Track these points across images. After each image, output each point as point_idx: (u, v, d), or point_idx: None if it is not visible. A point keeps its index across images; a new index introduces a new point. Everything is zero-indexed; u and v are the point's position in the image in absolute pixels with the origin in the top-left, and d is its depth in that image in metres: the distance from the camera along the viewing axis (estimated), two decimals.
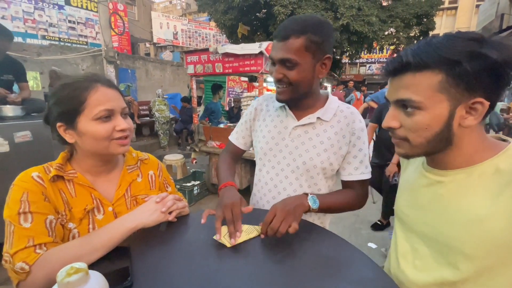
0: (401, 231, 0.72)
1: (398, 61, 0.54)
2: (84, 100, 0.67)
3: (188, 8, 26.69)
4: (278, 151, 0.92)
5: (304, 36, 0.75)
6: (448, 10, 24.61)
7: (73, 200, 0.71)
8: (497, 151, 0.55)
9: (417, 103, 0.53)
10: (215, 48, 3.14)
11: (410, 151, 0.60)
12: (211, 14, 11.85)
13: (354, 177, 0.89)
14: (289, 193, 0.92)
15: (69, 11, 10.77)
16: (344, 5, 8.93)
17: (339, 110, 0.90)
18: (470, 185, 0.56)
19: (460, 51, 0.48)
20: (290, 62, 0.77)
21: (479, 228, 0.53)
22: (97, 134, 0.68)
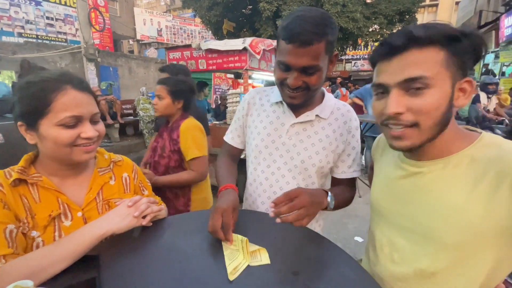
0: (378, 223, 0.71)
1: (406, 34, 0.51)
2: (50, 103, 0.62)
3: (173, 4, 26.14)
4: (274, 148, 0.88)
5: (324, 39, 0.69)
6: (429, 7, 25.31)
7: (36, 206, 0.66)
8: (470, 141, 0.56)
9: (429, 80, 0.50)
10: (198, 44, 3.07)
11: (418, 139, 0.55)
12: (196, 10, 11.66)
13: (347, 175, 0.89)
14: None
15: (46, 7, 10.32)
16: (329, 1, 8.99)
17: (336, 108, 0.88)
18: (447, 175, 0.56)
19: (458, 29, 0.51)
20: (314, 69, 0.72)
21: (458, 217, 0.53)
22: (58, 140, 0.63)
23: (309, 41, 0.67)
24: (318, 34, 0.68)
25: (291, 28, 0.69)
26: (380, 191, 0.71)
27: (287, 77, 0.75)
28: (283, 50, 0.72)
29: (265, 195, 0.91)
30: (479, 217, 0.51)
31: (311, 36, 0.67)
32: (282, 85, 0.78)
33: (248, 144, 0.97)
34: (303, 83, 0.74)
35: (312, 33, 0.67)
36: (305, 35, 0.67)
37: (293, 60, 0.71)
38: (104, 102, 5.82)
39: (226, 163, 0.98)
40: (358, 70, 23.77)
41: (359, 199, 3.63)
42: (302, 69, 0.72)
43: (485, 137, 0.56)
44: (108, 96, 6.16)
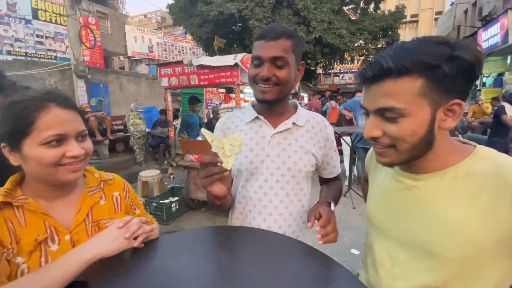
0: (376, 237, 0.71)
1: (377, 67, 0.52)
2: (32, 122, 0.60)
3: (164, 22, 26.62)
4: (259, 162, 0.89)
5: (291, 39, 0.81)
6: (410, 23, 26.64)
7: (22, 230, 0.63)
8: (466, 154, 0.57)
9: (401, 110, 0.52)
10: (189, 60, 3.10)
11: (396, 159, 0.57)
12: (187, 28, 11.90)
13: (334, 174, 1.02)
14: (276, 205, 0.88)
15: (37, 25, 10.33)
16: (316, 19, 9.35)
17: (311, 117, 0.96)
18: (444, 188, 0.56)
19: (438, 55, 0.49)
20: (282, 61, 0.79)
21: (457, 231, 0.53)
22: (42, 160, 0.61)
23: (278, 35, 0.79)
24: (286, 33, 0.80)
25: (263, 30, 0.83)
26: (376, 204, 0.71)
27: (259, 72, 0.81)
28: (256, 48, 0.82)
29: (255, 210, 0.90)
30: (479, 231, 0.50)
31: (279, 32, 0.79)
32: (255, 83, 0.85)
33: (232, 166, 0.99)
34: (273, 76, 0.80)
35: (280, 31, 0.80)
36: (275, 31, 0.80)
37: (264, 52, 0.80)
38: (94, 119, 5.75)
39: None
40: (346, 83, 24.48)
41: (353, 210, 3.62)
42: (272, 60, 0.79)
43: (480, 150, 0.56)
44: (98, 113, 6.09)
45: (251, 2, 9.27)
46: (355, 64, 21.18)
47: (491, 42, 7.89)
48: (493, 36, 7.78)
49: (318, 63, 12.13)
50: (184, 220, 3.49)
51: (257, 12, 9.31)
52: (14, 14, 9.68)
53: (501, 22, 7.28)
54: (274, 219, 0.88)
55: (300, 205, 0.91)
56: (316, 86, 15.61)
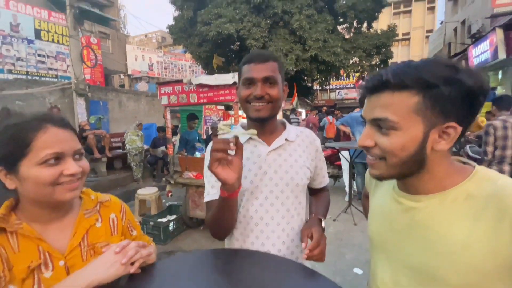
0: (378, 260, 0.69)
1: (378, 78, 0.54)
2: (30, 142, 0.60)
3: (164, 41, 27.36)
4: (258, 180, 0.89)
5: (277, 62, 0.89)
6: (402, 41, 27.58)
7: (15, 257, 0.61)
8: (465, 175, 0.56)
9: (393, 123, 0.52)
10: (189, 79, 3.16)
11: (386, 172, 0.58)
12: (186, 47, 12.26)
13: (323, 184, 1.06)
14: (278, 221, 0.89)
15: (39, 45, 10.57)
16: (311, 38, 9.68)
17: (299, 131, 1.00)
18: (445, 211, 0.55)
19: (439, 75, 0.49)
20: (273, 80, 0.86)
21: (461, 256, 0.51)
22: (40, 180, 0.60)
23: (266, 59, 0.87)
24: (271, 57, 0.89)
25: (249, 55, 0.90)
26: (378, 225, 0.70)
27: (252, 92, 0.86)
28: (246, 70, 0.88)
29: (257, 228, 0.89)
30: (483, 256, 0.49)
31: (267, 56, 0.88)
32: (248, 102, 0.88)
33: None
34: (266, 94, 0.85)
35: (267, 55, 0.89)
36: (263, 55, 0.88)
37: (255, 73, 0.85)
38: (93, 136, 5.75)
39: None
40: (343, 99, 24.90)
41: (355, 226, 3.57)
42: (264, 80, 0.85)
43: (479, 171, 0.56)
44: (97, 130, 6.11)
45: (249, 22, 9.62)
46: (351, 80, 21.65)
47: (481, 58, 8.14)
48: (483, 53, 8.04)
49: (314, 79, 12.42)
50: (182, 239, 3.41)
51: (255, 32, 9.65)
52: (17, 34, 9.94)
53: (490, 39, 7.55)
54: (277, 235, 0.88)
55: (299, 219, 0.93)
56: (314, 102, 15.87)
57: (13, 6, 9.84)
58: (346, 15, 10.68)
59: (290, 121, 8.63)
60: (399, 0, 26.52)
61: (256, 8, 9.65)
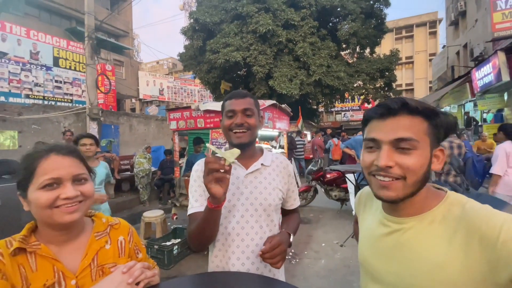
0: (368, 282, 0.72)
1: (401, 101, 0.61)
2: (34, 169, 0.69)
3: (174, 68, 28.62)
4: (236, 200, 1.00)
5: (252, 98, 1.06)
6: (406, 64, 28.08)
7: (33, 275, 0.67)
8: (439, 199, 0.62)
9: (416, 143, 0.59)
10: (196, 106, 3.32)
11: (402, 192, 0.60)
12: (195, 73, 12.78)
13: (294, 205, 1.16)
14: (252, 237, 0.99)
15: (56, 72, 11.19)
16: (315, 63, 10.01)
17: (275, 157, 1.12)
18: (424, 232, 0.60)
19: (435, 109, 0.62)
20: (250, 111, 1.02)
21: (438, 275, 0.55)
22: (38, 203, 0.68)
23: (245, 95, 1.04)
24: (248, 94, 1.06)
25: (231, 94, 1.07)
26: (366, 249, 0.73)
27: (233, 121, 1.01)
28: (228, 105, 1.04)
29: (234, 244, 0.98)
30: (458, 274, 0.53)
31: (245, 93, 1.05)
32: (230, 130, 1.02)
33: None
34: (245, 122, 1.00)
35: (244, 93, 1.06)
36: (242, 92, 1.06)
37: (236, 106, 1.01)
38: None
39: None
40: (348, 120, 25.02)
41: None
42: (243, 111, 1.01)
43: (450, 196, 0.62)
44: (107, 154, 6.29)
45: (255, 50, 10.08)
46: (356, 102, 21.87)
47: (485, 80, 8.20)
48: (486, 75, 8.11)
49: (319, 102, 12.63)
50: (186, 264, 3.36)
51: (260, 59, 10.06)
52: (37, 61, 10.62)
53: (492, 62, 7.64)
54: (251, 250, 0.98)
55: (272, 234, 1.02)
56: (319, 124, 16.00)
57: (34, 36, 10.58)
58: (349, 42, 11.09)
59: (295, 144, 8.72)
60: (401, 26, 27.39)
61: (262, 37, 10.16)
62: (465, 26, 13.02)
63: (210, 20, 10.74)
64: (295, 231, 1.10)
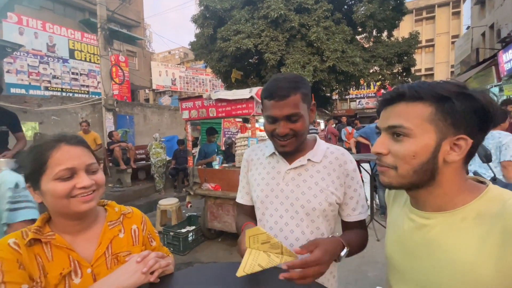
0: (394, 279, 0.69)
1: (395, 91, 0.59)
2: (46, 160, 0.68)
3: (186, 57, 28.66)
4: (274, 197, 0.91)
5: (299, 92, 0.82)
6: (426, 48, 26.70)
7: (49, 265, 0.68)
8: (476, 194, 0.55)
9: (407, 130, 0.56)
10: (208, 95, 3.30)
11: (395, 181, 0.59)
12: (207, 62, 12.71)
13: (353, 218, 0.91)
14: (292, 243, 0.87)
15: (72, 64, 11.54)
16: (329, 49, 9.66)
17: (329, 152, 0.92)
18: (454, 230, 0.55)
19: (451, 90, 0.53)
20: (296, 116, 0.82)
21: (469, 277, 0.51)
22: (55, 193, 0.68)
23: (286, 94, 0.80)
24: (292, 88, 0.81)
25: (269, 89, 0.83)
26: (392, 244, 0.70)
27: (275, 127, 0.84)
28: (267, 107, 0.84)
29: None
30: (490, 277, 0.49)
31: (287, 91, 0.81)
32: (273, 136, 0.87)
33: (252, 197, 1.00)
34: (290, 130, 0.83)
35: (287, 88, 0.81)
36: (282, 90, 0.81)
37: (277, 112, 0.82)
38: (118, 149, 6.08)
39: (244, 216, 1.03)
40: (363, 108, 24.33)
41: (377, 243, 3.41)
42: (286, 118, 0.82)
43: (491, 190, 0.55)
44: (122, 143, 6.45)
45: (266, 37, 9.83)
46: (372, 89, 21.17)
47: None
48: None
49: (333, 89, 12.30)
50: (201, 250, 3.45)
51: (272, 46, 9.82)
52: (53, 54, 10.92)
53: None
54: None
55: None
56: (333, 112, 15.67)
57: (49, 28, 10.89)
58: (365, 25, 10.58)
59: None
60: (421, 7, 25.89)
61: (274, 23, 9.87)
62: (492, 5, 12.13)
63: (220, 6, 10.52)
64: (354, 247, 0.82)
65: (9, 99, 6.36)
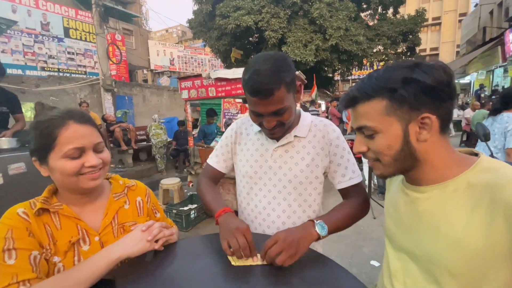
0: (391, 249, 0.72)
1: (347, 97, 0.63)
2: (55, 138, 0.69)
3: (184, 36, 27.77)
4: (263, 173, 0.94)
5: (282, 85, 0.76)
6: (432, 26, 25.80)
7: (58, 233, 0.71)
8: (467, 165, 0.57)
9: (373, 128, 0.59)
10: (207, 73, 3.24)
11: (385, 171, 0.63)
12: (205, 41, 12.36)
13: (344, 184, 0.92)
14: (279, 214, 0.92)
15: (68, 43, 11.22)
16: (332, 27, 9.35)
17: (313, 125, 0.94)
18: (445, 201, 0.57)
19: (394, 79, 0.56)
20: (282, 110, 0.79)
21: (459, 245, 0.53)
22: (64, 171, 0.69)
23: (269, 93, 0.75)
24: (275, 84, 0.74)
25: (251, 85, 0.75)
26: (389, 217, 0.73)
27: (261, 121, 0.83)
28: (251, 101, 0.80)
29: (260, 217, 0.95)
30: (480, 244, 0.51)
31: (269, 89, 0.74)
32: (261, 126, 0.86)
33: (238, 171, 1.03)
34: (277, 122, 0.82)
35: (269, 85, 0.74)
36: (264, 89, 0.74)
37: (261, 109, 0.79)
38: (119, 130, 6.07)
39: (212, 186, 1.02)
40: None
41: (374, 220, 3.51)
42: (272, 113, 0.79)
43: (482, 161, 0.56)
44: (122, 124, 6.44)
45: (267, 14, 9.48)
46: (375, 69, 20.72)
47: None
48: None
49: (335, 70, 12.06)
50: (203, 227, 3.56)
51: (273, 23, 9.50)
52: (48, 33, 10.60)
53: None
54: (277, 227, 0.92)
55: (305, 216, 0.93)
56: (334, 93, 15.47)
57: (43, 6, 10.45)
58: (370, 1, 10.19)
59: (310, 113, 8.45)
60: None
61: None
62: None
63: None
64: (337, 219, 0.83)
65: (7, 79, 6.26)
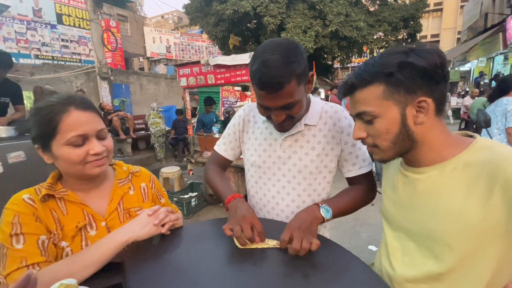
0: (389, 229, 0.74)
1: (345, 85, 0.65)
2: (56, 124, 0.67)
3: (180, 22, 27.10)
4: (271, 163, 0.93)
5: (293, 77, 0.70)
6: (433, 12, 25.34)
7: (64, 218, 0.71)
8: (464, 146, 0.59)
9: (371, 113, 0.61)
10: (206, 60, 3.19)
11: (384, 155, 0.66)
12: (202, 27, 12.07)
13: (354, 173, 0.90)
14: (288, 203, 0.91)
15: (61, 30, 10.88)
16: (332, 12, 9.14)
17: (324, 111, 0.90)
18: (444, 180, 0.59)
19: (391, 64, 0.57)
20: (292, 104, 0.75)
21: (458, 220, 0.55)
22: (69, 159, 0.68)
23: (279, 86, 0.70)
24: (285, 76, 0.69)
25: (259, 77, 0.70)
26: (388, 198, 0.74)
27: (270, 114, 0.80)
28: (259, 95, 0.76)
29: (269, 205, 0.95)
30: (478, 220, 0.53)
31: (279, 83, 0.69)
32: (269, 119, 0.83)
33: (246, 159, 1.02)
34: (286, 115, 0.78)
35: (279, 78, 0.69)
36: (273, 82, 0.69)
37: (270, 103, 0.75)
38: (117, 118, 6.03)
39: (221, 173, 1.01)
40: None
41: (372, 207, 3.56)
42: (281, 108, 0.75)
43: (479, 141, 0.59)
44: (120, 112, 6.38)
45: None
46: None
47: None
48: None
49: (335, 57, 11.90)
50: (203, 214, 3.61)
51: (272, 9, 9.27)
52: (40, 19, 10.28)
53: None
54: (286, 215, 0.92)
55: None
56: (334, 81, 15.32)
57: None
58: None
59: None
60: None
61: None
62: None
63: None
64: (341, 203, 0.84)
65: None
